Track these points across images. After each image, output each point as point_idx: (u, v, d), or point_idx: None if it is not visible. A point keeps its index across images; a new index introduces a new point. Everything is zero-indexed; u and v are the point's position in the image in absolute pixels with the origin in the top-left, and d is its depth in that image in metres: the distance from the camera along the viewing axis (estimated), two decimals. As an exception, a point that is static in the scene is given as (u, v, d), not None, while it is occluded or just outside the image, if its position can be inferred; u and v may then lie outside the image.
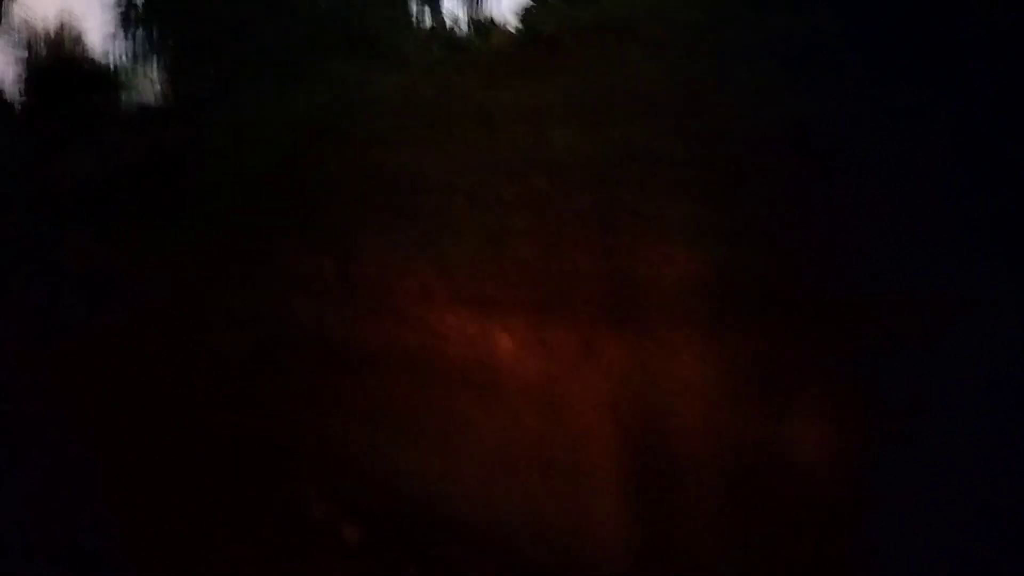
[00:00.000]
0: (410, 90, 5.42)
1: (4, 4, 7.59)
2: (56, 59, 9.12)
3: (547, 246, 4.12)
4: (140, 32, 8.88)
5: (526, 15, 5.43)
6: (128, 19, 8.75)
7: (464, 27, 7.19)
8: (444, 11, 7.34)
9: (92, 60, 9.24)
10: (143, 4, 8.78)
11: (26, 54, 8.79)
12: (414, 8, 7.70)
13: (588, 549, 3.75)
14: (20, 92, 8.91)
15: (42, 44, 8.98)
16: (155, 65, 8.86)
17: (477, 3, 7.28)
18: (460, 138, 4.79)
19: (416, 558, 4.61)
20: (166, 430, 6.66)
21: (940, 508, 2.75)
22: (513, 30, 5.75)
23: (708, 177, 3.41)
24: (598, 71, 4.09)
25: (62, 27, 9.12)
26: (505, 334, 4.26)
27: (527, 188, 4.28)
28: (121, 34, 8.78)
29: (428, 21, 7.61)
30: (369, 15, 7.61)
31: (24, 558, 4.37)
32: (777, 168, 3.22)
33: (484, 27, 6.88)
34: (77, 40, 9.34)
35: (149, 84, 9.32)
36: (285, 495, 5.59)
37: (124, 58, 9.07)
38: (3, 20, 7.64)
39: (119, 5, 8.71)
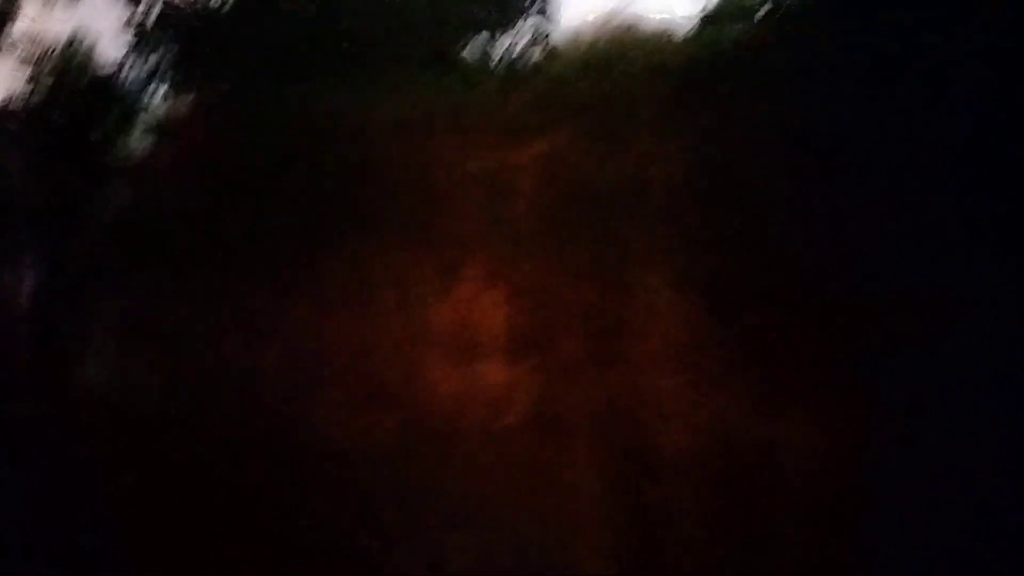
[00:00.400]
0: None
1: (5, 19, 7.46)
2: (64, 75, 9.09)
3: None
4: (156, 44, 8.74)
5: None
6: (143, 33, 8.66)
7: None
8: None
9: (102, 76, 9.18)
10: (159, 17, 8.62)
11: (32, 70, 8.74)
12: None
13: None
14: (25, 107, 8.89)
15: (49, 60, 8.95)
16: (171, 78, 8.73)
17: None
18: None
19: None
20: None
21: (940, 507, 2.73)
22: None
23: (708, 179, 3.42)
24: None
25: (71, 42, 9.10)
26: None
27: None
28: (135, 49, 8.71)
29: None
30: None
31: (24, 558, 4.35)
32: (778, 169, 3.22)
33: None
34: (86, 55, 9.29)
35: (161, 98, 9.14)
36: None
37: (135, 73, 9.01)
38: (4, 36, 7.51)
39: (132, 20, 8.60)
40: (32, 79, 8.89)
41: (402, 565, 4.14)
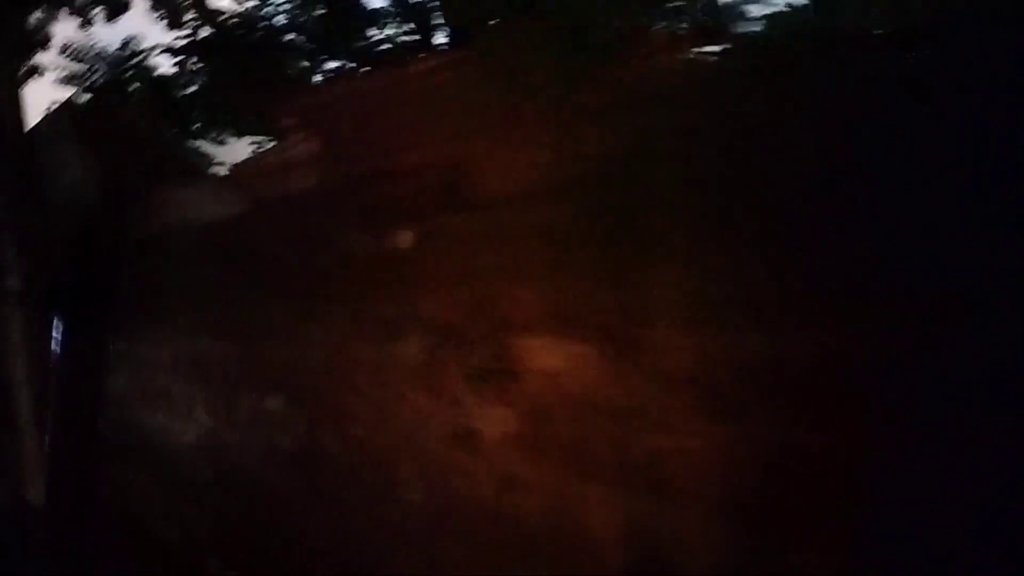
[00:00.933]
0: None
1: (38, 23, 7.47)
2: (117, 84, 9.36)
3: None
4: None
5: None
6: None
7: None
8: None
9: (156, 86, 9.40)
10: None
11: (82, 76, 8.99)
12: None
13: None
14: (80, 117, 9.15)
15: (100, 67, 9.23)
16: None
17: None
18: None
19: None
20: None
21: (941, 509, 2.68)
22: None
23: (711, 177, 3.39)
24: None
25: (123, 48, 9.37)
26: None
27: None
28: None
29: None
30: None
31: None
32: (778, 167, 3.18)
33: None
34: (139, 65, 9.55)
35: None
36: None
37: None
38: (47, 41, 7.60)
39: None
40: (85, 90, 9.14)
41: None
